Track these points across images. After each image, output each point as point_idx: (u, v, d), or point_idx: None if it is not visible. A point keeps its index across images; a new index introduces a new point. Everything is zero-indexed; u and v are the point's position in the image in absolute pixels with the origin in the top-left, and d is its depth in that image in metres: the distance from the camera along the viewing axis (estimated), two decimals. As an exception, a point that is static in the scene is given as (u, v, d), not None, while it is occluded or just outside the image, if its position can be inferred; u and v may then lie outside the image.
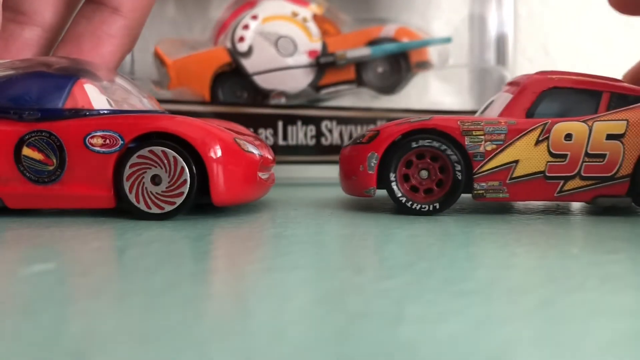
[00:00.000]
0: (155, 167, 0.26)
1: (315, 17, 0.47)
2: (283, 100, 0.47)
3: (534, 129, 0.28)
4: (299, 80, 0.46)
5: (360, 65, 0.48)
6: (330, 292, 0.16)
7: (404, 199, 0.29)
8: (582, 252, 0.21)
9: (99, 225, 0.26)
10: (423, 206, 0.29)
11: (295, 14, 0.47)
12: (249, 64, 0.46)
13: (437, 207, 0.29)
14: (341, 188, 0.32)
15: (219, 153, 0.26)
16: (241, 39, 0.45)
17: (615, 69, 0.36)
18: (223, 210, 0.29)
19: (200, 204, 0.28)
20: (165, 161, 0.26)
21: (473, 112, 0.48)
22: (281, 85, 0.46)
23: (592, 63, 0.57)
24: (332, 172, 0.46)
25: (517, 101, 0.30)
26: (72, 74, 0.28)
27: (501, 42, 0.50)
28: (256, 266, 0.19)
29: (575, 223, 0.27)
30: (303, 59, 0.46)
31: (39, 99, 0.27)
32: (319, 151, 0.45)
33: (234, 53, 0.45)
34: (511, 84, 0.32)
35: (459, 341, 0.12)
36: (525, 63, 0.59)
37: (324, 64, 0.46)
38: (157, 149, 0.26)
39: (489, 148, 0.28)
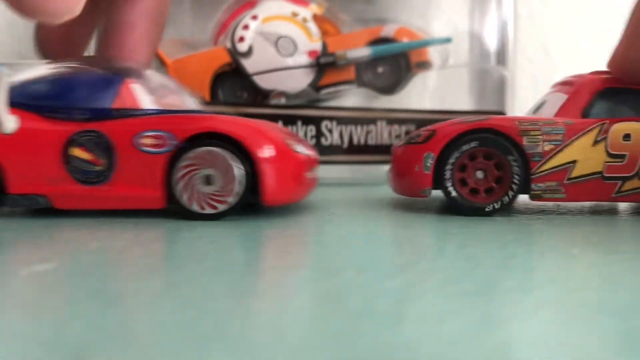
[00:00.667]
0: (206, 167, 0.26)
1: (315, 17, 0.47)
2: (283, 101, 0.47)
3: (591, 129, 0.28)
4: (299, 81, 0.46)
5: (360, 65, 0.48)
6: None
7: (460, 199, 0.28)
8: (582, 252, 0.21)
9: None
10: (488, 206, 0.28)
11: (295, 14, 0.47)
12: (249, 64, 0.46)
13: (498, 206, 0.28)
14: (392, 188, 0.31)
15: (270, 153, 0.26)
16: (241, 39, 0.45)
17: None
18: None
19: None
20: (215, 161, 0.26)
21: (473, 113, 0.48)
22: (281, 86, 0.46)
23: (592, 63, 0.57)
24: (332, 172, 0.46)
25: (573, 101, 0.30)
26: (119, 74, 0.28)
27: (501, 42, 0.50)
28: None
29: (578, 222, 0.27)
30: (303, 59, 0.46)
31: (87, 98, 0.27)
32: (319, 151, 0.45)
33: (234, 53, 0.46)
34: (563, 84, 0.32)
35: (459, 341, 0.12)
36: (525, 63, 0.59)
37: (324, 64, 0.46)
38: (209, 149, 0.26)
39: (547, 148, 0.28)
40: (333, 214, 0.30)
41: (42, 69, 0.28)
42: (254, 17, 0.46)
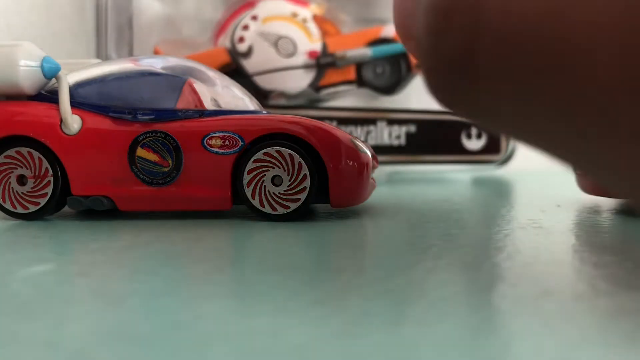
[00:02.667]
0: (275, 167, 0.26)
1: (315, 18, 0.47)
2: (283, 101, 0.47)
3: None
4: (299, 81, 0.46)
5: (360, 65, 0.48)
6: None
7: None
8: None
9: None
10: None
11: (295, 15, 0.47)
12: (249, 65, 0.46)
13: None
14: (581, 187, 0.31)
15: (338, 153, 0.26)
16: (241, 40, 0.45)
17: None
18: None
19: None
20: (283, 161, 0.26)
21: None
22: (281, 86, 0.46)
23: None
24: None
25: None
26: (181, 73, 0.28)
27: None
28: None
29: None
30: (303, 59, 0.46)
31: (151, 99, 0.27)
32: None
33: (233, 53, 0.46)
34: None
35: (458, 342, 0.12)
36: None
37: (324, 65, 0.46)
38: (272, 150, 0.26)
39: None
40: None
41: (100, 69, 0.28)
42: (254, 18, 0.46)
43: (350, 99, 0.49)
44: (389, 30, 0.48)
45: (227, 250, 0.22)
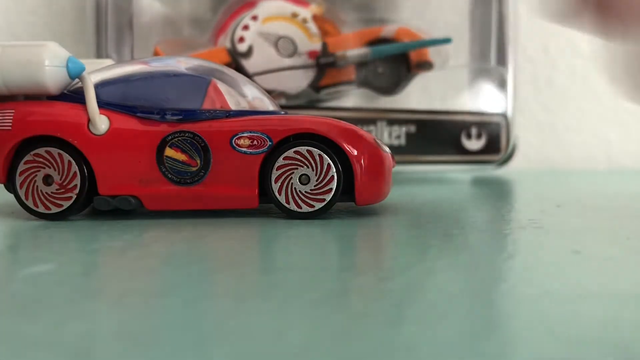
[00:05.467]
0: (303, 166, 0.26)
1: (315, 18, 0.47)
2: (283, 101, 0.47)
3: None
4: (299, 81, 0.46)
5: (360, 65, 0.48)
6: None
7: None
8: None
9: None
10: None
11: (295, 15, 0.47)
12: (249, 65, 0.46)
13: None
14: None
15: (364, 153, 0.26)
16: (241, 40, 0.45)
17: (616, 69, 0.36)
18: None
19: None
20: (312, 160, 0.26)
21: (472, 113, 0.48)
22: (281, 86, 0.46)
23: (592, 63, 0.57)
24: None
25: None
26: (204, 74, 0.28)
27: (501, 42, 0.50)
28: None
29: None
30: (303, 59, 0.46)
31: (177, 99, 0.27)
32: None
33: (233, 53, 0.45)
34: None
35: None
36: (525, 63, 0.59)
37: (324, 65, 0.46)
38: (303, 149, 0.26)
39: None
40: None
41: (121, 69, 0.28)
42: (254, 18, 0.46)
43: (350, 99, 0.49)
44: (389, 30, 0.48)
45: (227, 250, 0.22)
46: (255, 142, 0.26)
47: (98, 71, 0.28)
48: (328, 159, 0.26)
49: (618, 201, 0.34)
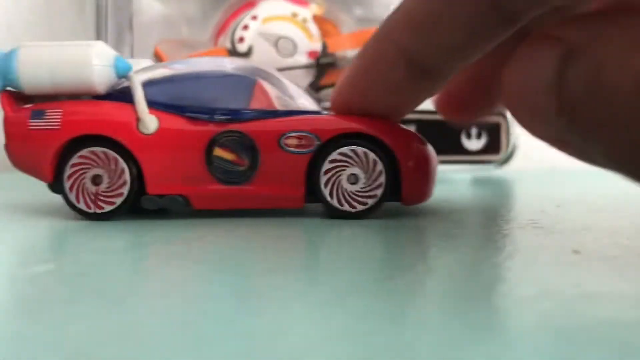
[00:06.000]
0: (350, 166, 0.26)
1: (315, 18, 0.47)
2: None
3: None
4: (299, 81, 0.46)
5: (360, 65, 0.47)
6: None
7: None
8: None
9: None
10: None
11: (295, 15, 0.47)
12: (249, 65, 0.45)
13: None
14: None
15: (412, 152, 0.27)
16: (241, 40, 0.45)
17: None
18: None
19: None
20: (359, 160, 0.26)
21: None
22: (281, 86, 0.46)
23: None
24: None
25: None
26: (250, 74, 0.28)
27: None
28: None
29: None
30: (303, 59, 0.46)
31: (226, 99, 0.27)
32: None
33: (233, 54, 0.45)
34: None
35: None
36: (525, 63, 0.59)
37: (324, 65, 0.46)
38: (348, 149, 0.26)
39: None
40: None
41: (166, 69, 0.28)
42: (254, 18, 0.46)
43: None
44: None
45: (227, 250, 0.22)
46: (303, 141, 0.27)
47: (142, 71, 0.28)
48: (374, 155, 0.26)
49: (618, 201, 0.34)
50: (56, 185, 0.27)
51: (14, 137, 0.27)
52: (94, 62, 0.26)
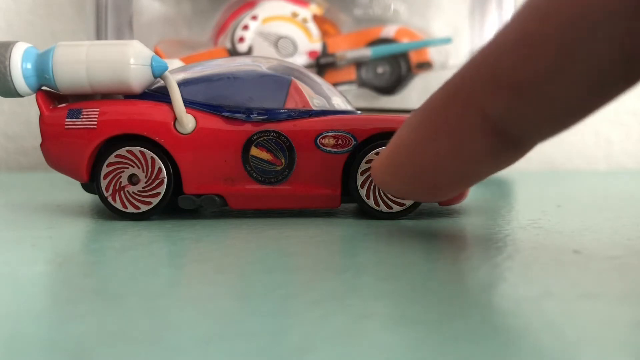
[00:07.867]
0: None
1: (315, 18, 0.47)
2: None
3: None
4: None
5: (360, 65, 0.48)
6: None
7: None
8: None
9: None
10: None
11: (295, 15, 0.47)
12: (249, 65, 0.45)
13: None
14: None
15: None
16: (241, 40, 0.45)
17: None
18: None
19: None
20: None
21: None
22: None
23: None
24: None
25: None
26: (284, 73, 0.28)
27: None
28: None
29: None
30: (303, 59, 0.46)
31: (262, 98, 0.27)
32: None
33: (233, 53, 0.45)
34: None
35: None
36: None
37: (324, 65, 0.46)
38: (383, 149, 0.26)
39: None
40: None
41: (205, 69, 0.28)
42: (254, 18, 0.46)
43: (350, 99, 0.49)
44: (389, 30, 0.48)
45: (227, 250, 0.22)
46: (340, 141, 0.26)
47: (176, 70, 0.28)
48: None
49: (618, 201, 0.34)
50: (90, 185, 0.27)
51: (50, 136, 0.27)
52: (132, 61, 0.25)
